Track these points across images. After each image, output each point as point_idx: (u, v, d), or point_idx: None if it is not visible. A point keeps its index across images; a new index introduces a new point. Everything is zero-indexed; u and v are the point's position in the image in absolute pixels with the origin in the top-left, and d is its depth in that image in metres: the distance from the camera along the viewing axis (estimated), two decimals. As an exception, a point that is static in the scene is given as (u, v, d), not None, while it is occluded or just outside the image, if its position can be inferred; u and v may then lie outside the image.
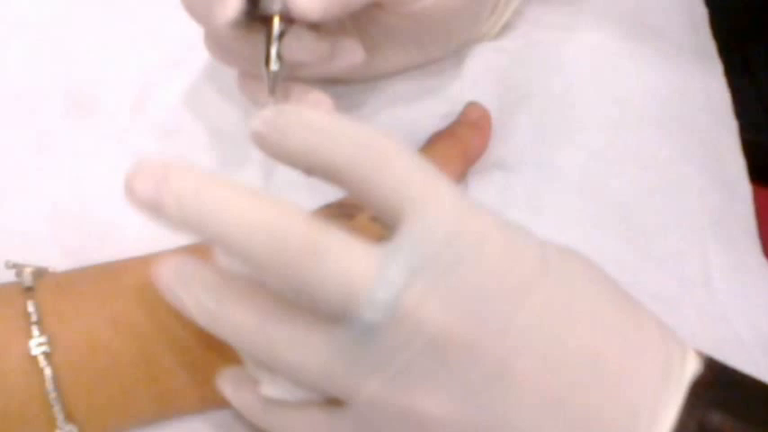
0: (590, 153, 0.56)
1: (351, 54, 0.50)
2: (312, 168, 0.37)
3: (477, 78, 0.58)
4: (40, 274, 0.45)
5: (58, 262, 0.46)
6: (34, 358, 0.41)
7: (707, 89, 0.60)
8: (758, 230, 0.55)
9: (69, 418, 0.42)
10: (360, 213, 0.46)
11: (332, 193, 0.46)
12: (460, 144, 0.53)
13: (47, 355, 0.41)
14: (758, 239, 0.55)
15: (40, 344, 0.41)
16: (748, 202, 0.56)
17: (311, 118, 0.37)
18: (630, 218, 0.53)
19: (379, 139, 0.36)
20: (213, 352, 0.43)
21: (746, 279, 0.52)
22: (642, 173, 0.55)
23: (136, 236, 0.45)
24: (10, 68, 0.57)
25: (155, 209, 0.35)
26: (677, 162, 0.56)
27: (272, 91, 0.47)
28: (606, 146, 0.56)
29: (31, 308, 0.42)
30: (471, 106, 0.55)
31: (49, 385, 0.41)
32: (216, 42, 0.50)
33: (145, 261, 0.43)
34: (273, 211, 0.35)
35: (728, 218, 0.54)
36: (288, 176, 0.42)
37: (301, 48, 0.47)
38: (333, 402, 0.38)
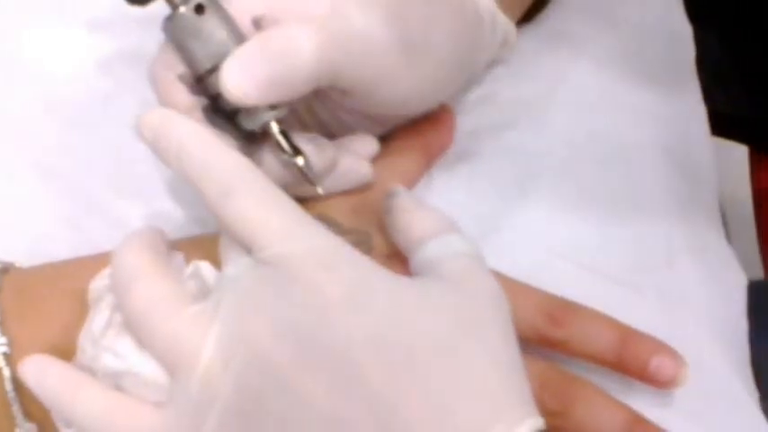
0: (557, 139, 0.56)
1: (354, 174, 0.49)
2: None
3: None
4: (5, 269, 0.46)
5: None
6: None
7: (676, 79, 0.60)
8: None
9: (29, 416, 0.43)
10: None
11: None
12: (420, 139, 0.53)
13: (6, 356, 0.42)
14: (721, 224, 0.55)
15: (1, 344, 0.42)
16: (714, 190, 0.56)
17: (181, 138, 0.40)
18: (595, 202, 0.54)
19: (230, 174, 0.40)
20: None
21: (708, 262, 0.52)
22: (609, 158, 0.55)
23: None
24: None
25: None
26: (645, 148, 0.56)
27: (315, 182, 0.46)
28: (573, 131, 0.56)
29: None
30: None
31: (8, 385, 0.42)
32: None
33: (102, 260, 0.43)
34: None
35: (694, 205, 0.54)
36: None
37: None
38: None
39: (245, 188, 0.39)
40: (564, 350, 0.46)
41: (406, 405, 0.36)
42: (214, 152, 0.40)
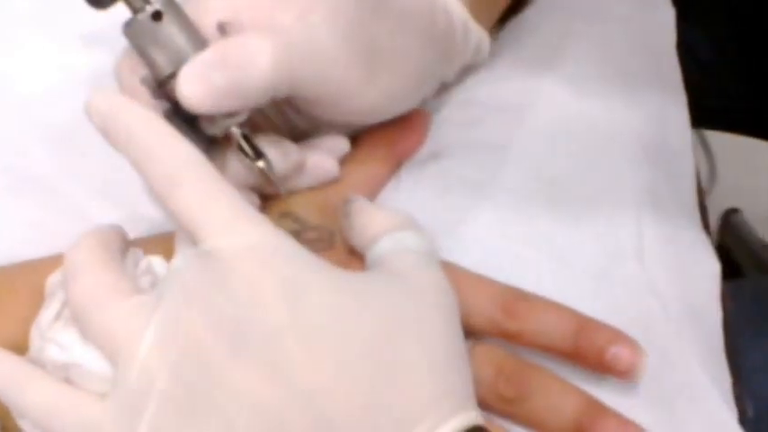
0: (525, 129, 0.55)
1: (320, 170, 0.50)
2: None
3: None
4: None
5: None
6: None
7: (655, 59, 0.60)
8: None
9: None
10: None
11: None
12: (389, 141, 0.53)
13: None
14: (697, 214, 0.54)
15: None
16: (690, 176, 0.55)
17: (131, 124, 0.41)
18: (564, 193, 0.53)
19: (177, 164, 0.40)
20: None
21: (680, 251, 0.51)
22: (579, 147, 0.55)
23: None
24: None
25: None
26: (616, 136, 0.56)
27: (277, 184, 0.48)
28: (543, 121, 0.56)
29: None
30: None
31: None
32: None
33: (56, 260, 0.43)
34: None
35: (666, 192, 0.54)
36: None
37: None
38: None
39: (191, 179, 0.40)
40: (520, 341, 0.45)
41: (331, 399, 0.37)
42: (162, 140, 0.40)
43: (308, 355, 0.37)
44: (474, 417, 0.39)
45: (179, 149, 0.40)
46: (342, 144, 0.51)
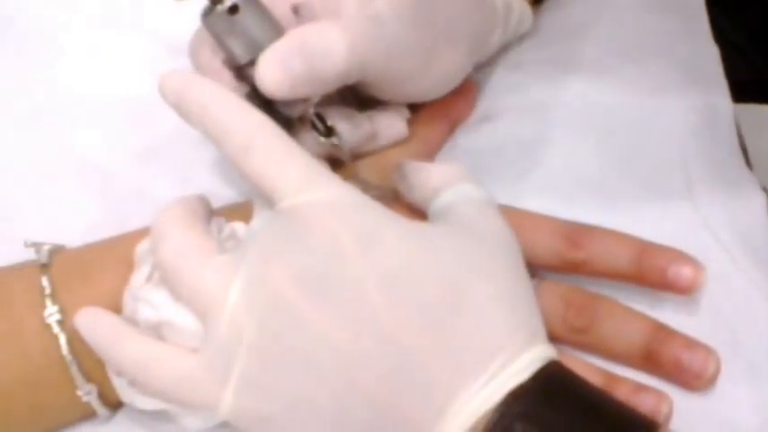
0: (577, 95, 0.58)
1: (392, 130, 0.53)
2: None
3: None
4: (57, 250, 0.48)
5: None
6: (48, 326, 0.45)
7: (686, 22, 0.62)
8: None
9: (88, 378, 0.45)
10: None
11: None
12: (441, 107, 0.55)
13: (60, 323, 0.45)
14: (741, 158, 0.56)
15: (52, 313, 0.45)
16: (730, 123, 0.57)
17: (203, 99, 0.43)
18: (614, 142, 0.55)
19: (249, 130, 0.43)
20: None
21: (728, 190, 0.53)
22: (626, 100, 0.57)
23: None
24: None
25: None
26: (658, 89, 0.58)
27: (348, 159, 0.51)
28: (590, 84, 0.58)
29: (44, 282, 0.46)
30: None
31: (65, 349, 0.45)
32: None
33: (147, 232, 0.46)
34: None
35: (710, 136, 0.56)
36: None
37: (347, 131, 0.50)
38: None
39: (263, 143, 0.42)
40: (586, 270, 0.47)
41: (413, 340, 0.39)
42: (234, 110, 0.43)
43: (388, 300, 0.39)
44: (547, 348, 0.41)
45: (250, 118, 0.43)
46: (403, 107, 0.54)
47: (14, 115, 0.59)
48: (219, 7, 0.46)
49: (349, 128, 0.50)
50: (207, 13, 0.47)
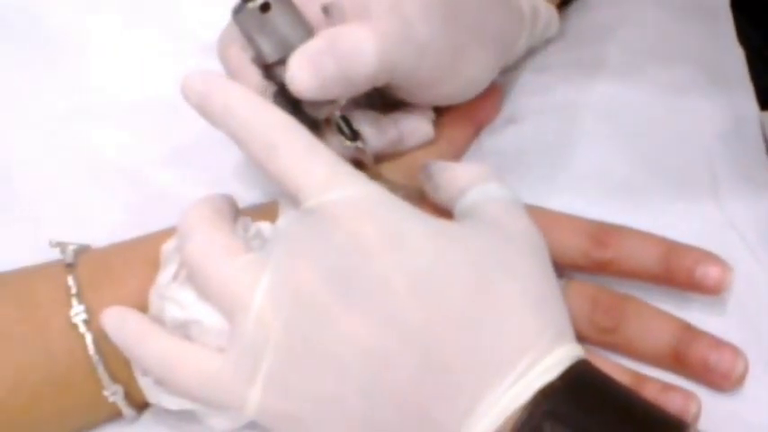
0: (603, 97, 0.58)
1: (419, 133, 0.53)
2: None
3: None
4: (82, 250, 0.49)
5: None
6: (75, 325, 0.45)
7: (712, 25, 0.62)
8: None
9: (114, 378, 0.45)
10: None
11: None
12: (467, 110, 0.55)
13: (86, 322, 0.45)
14: (766, 160, 0.56)
15: (79, 313, 0.45)
16: (756, 124, 0.57)
17: (226, 99, 0.43)
18: (640, 143, 0.55)
19: (273, 130, 0.42)
20: None
21: (754, 191, 0.53)
22: (652, 101, 0.57)
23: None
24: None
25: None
26: (684, 90, 0.58)
27: (372, 162, 0.51)
28: (615, 85, 0.58)
29: (70, 282, 0.46)
30: None
31: (91, 349, 0.45)
32: None
33: (173, 232, 0.46)
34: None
35: (735, 137, 0.55)
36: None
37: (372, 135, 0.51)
38: None
39: (287, 142, 0.42)
40: (613, 270, 0.47)
41: (441, 340, 0.39)
42: (257, 110, 0.43)
43: (415, 298, 0.39)
44: (575, 348, 0.41)
45: (274, 117, 0.43)
46: (429, 109, 0.53)
47: (43, 116, 0.59)
48: (251, 5, 0.46)
49: (374, 132, 0.50)
50: (238, 11, 0.47)
